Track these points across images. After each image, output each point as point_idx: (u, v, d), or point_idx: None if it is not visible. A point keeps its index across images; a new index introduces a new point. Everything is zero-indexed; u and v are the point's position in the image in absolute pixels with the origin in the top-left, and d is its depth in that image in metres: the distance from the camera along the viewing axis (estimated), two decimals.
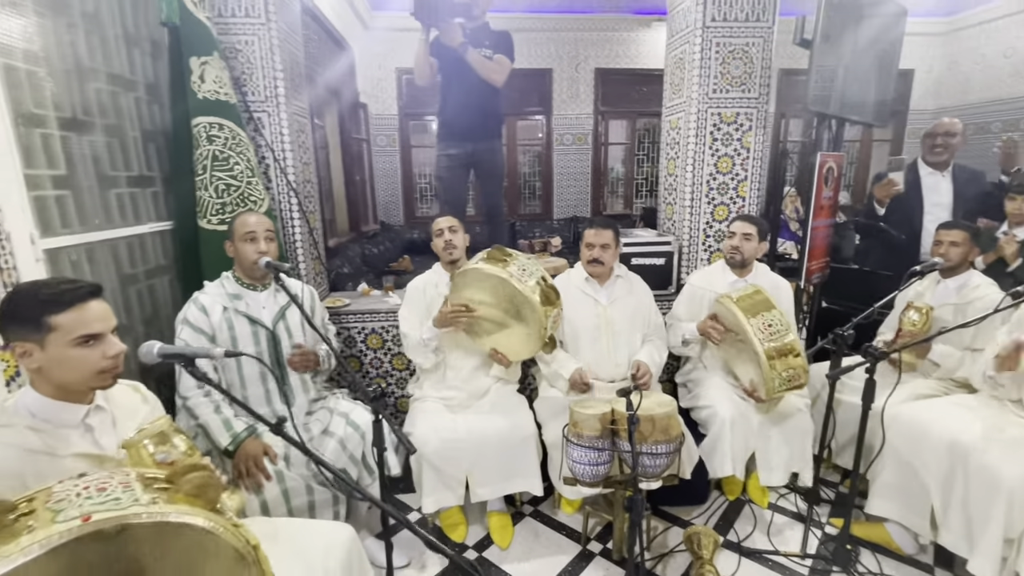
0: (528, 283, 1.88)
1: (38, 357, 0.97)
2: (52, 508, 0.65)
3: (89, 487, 0.70)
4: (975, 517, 1.62)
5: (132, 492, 0.70)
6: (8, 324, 0.98)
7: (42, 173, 1.45)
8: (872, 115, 2.74)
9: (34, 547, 0.59)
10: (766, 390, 1.93)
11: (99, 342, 1.00)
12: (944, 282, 2.19)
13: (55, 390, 1.01)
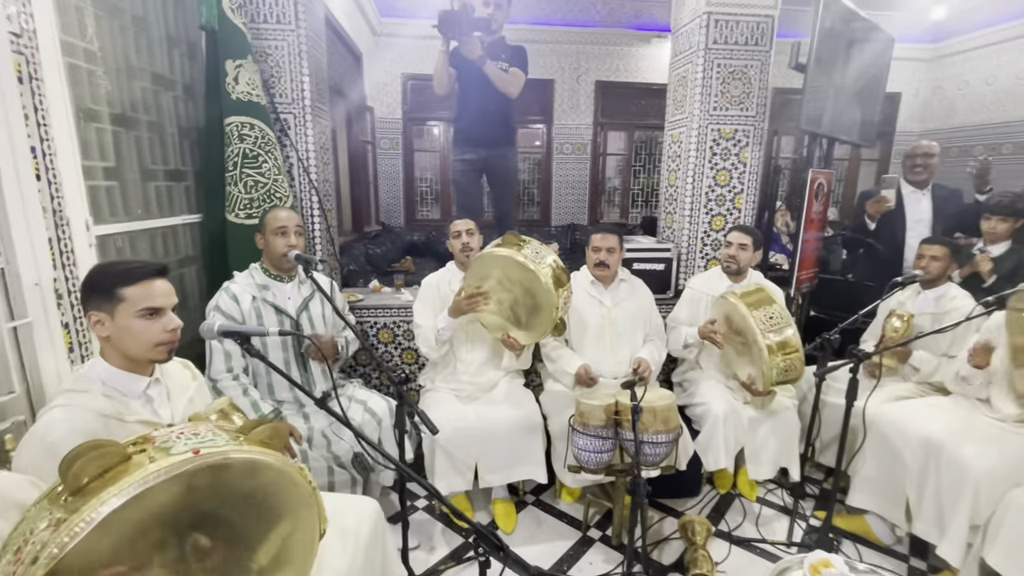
0: (541, 265, 1.98)
1: (108, 326, 1.08)
2: (162, 447, 0.76)
3: (184, 432, 0.81)
4: (945, 506, 1.77)
5: (222, 437, 0.82)
6: (89, 295, 1.09)
7: (95, 165, 1.55)
8: (860, 135, 2.92)
9: (161, 472, 0.69)
10: (764, 381, 2.05)
11: (160, 316, 1.12)
12: (924, 293, 2.35)
13: (122, 360, 1.12)
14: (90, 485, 0.69)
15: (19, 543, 0.68)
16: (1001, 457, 1.69)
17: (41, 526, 0.68)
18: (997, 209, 2.44)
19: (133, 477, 0.69)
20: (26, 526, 0.70)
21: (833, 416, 2.24)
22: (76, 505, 0.68)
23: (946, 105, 5.95)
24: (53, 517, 0.68)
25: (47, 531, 0.67)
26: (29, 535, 0.68)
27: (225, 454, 0.75)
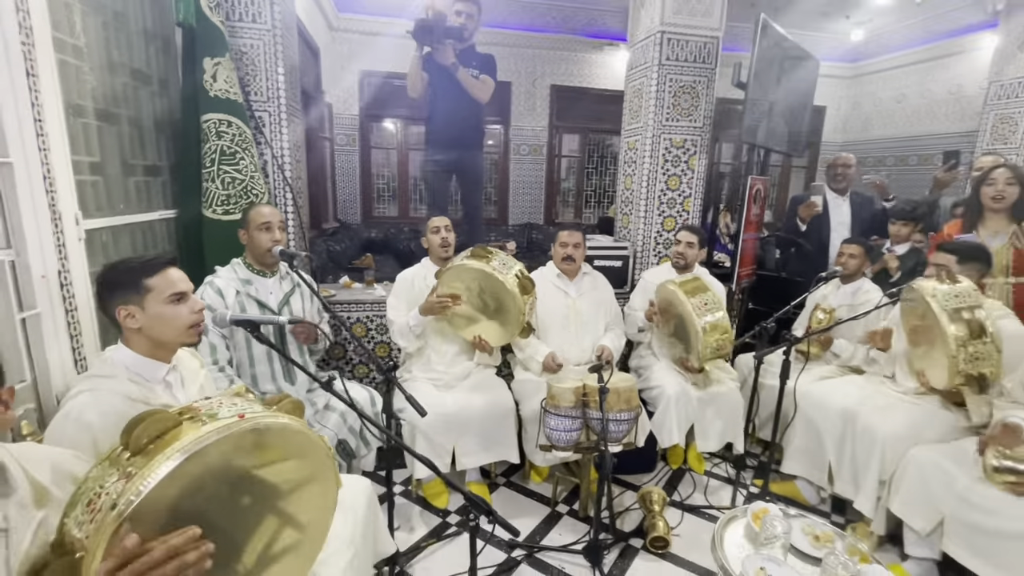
0: (508, 275, 2.18)
1: (140, 317, 1.14)
2: (209, 412, 0.85)
3: (223, 402, 0.90)
4: (859, 467, 2.08)
5: (258, 405, 0.92)
6: (111, 293, 1.14)
7: (82, 159, 1.57)
8: (791, 146, 3.27)
9: (214, 432, 0.78)
10: (700, 357, 2.31)
11: (185, 300, 1.19)
12: (843, 287, 2.69)
13: (150, 348, 1.18)
14: (149, 446, 0.79)
15: (90, 496, 0.77)
16: (903, 423, 2.01)
17: (111, 480, 0.77)
18: (900, 215, 2.83)
19: (191, 436, 0.79)
20: (92, 483, 0.78)
21: (770, 396, 2.54)
22: (142, 462, 0.77)
23: (863, 119, 6.60)
24: (122, 472, 0.77)
25: (119, 483, 0.75)
26: (99, 489, 0.77)
27: (265, 419, 0.86)
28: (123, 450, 0.80)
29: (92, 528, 0.72)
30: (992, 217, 2.28)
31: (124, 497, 0.72)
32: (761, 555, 1.32)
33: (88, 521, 0.73)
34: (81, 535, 0.73)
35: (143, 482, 0.73)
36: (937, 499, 1.75)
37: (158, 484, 0.73)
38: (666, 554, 2.06)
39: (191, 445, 0.77)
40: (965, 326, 1.73)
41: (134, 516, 0.72)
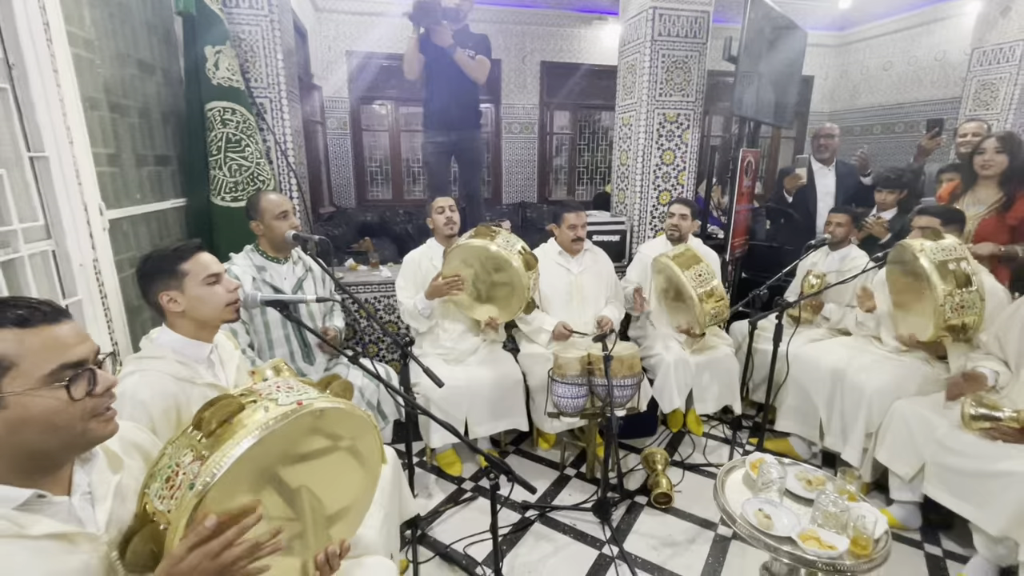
0: (512, 252, 2.26)
1: (181, 301, 1.22)
2: (270, 398, 0.93)
3: (281, 387, 0.98)
4: (848, 421, 2.22)
5: (313, 390, 1.00)
6: (151, 281, 1.21)
7: (100, 151, 1.61)
8: (780, 117, 3.34)
9: (278, 419, 0.85)
10: (699, 325, 2.44)
11: (220, 281, 1.26)
12: (832, 254, 2.81)
13: (194, 329, 1.25)
14: (218, 430, 0.87)
15: (168, 473, 0.85)
16: (888, 379, 2.14)
17: (187, 460, 0.84)
18: (886, 183, 2.93)
19: (256, 422, 0.86)
20: (169, 460, 0.86)
21: (763, 360, 2.67)
22: (214, 444, 0.85)
23: (851, 88, 6.65)
24: (197, 453, 0.85)
25: (195, 464, 0.83)
26: (176, 467, 0.84)
27: (322, 403, 0.94)
28: (194, 430, 0.88)
29: (173, 504, 0.80)
30: (982, 184, 2.38)
31: (201, 478, 0.79)
32: (759, 499, 1.45)
33: (169, 496, 0.81)
34: (163, 508, 0.81)
35: (216, 465, 0.80)
36: (919, 446, 1.89)
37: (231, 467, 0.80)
38: (669, 508, 2.20)
39: (257, 432, 0.83)
40: (952, 276, 1.85)
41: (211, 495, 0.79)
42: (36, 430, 0.71)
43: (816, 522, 1.35)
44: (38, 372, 0.71)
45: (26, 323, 0.71)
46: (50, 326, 0.74)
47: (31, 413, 0.70)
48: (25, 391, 0.70)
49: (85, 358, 0.77)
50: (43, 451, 0.74)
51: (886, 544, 1.29)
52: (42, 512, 0.73)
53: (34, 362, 0.71)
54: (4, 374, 0.69)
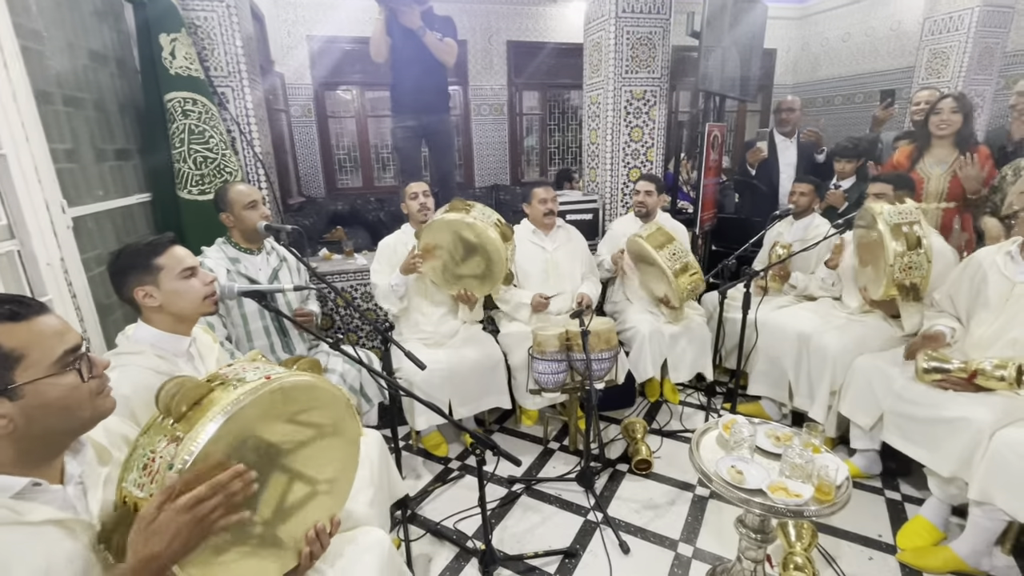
0: (488, 223, 2.27)
1: (157, 296, 1.21)
2: (238, 377, 0.94)
3: (247, 368, 0.99)
4: (814, 381, 2.34)
5: (280, 368, 1.01)
6: (125, 277, 1.20)
7: (57, 147, 1.56)
8: (744, 91, 3.41)
9: (248, 394, 0.87)
10: (677, 299, 2.52)
11: (195, 274, 1.26)
12: (795, 223, 2.91)
13: (171, 323, 1.25)
14: (188, 413, 0.88)
15: (144, 460, 0.86)
16: (850, 339, 2.26)
17: (161, 445, 0.86)
18: (844, 153, 3.04)
19: (227, 399, 0.87)
20: (143, 449, 0.87)
21: (733, 328, 2.77)
22: (187, 426, 0.86)
23: (812, 60, 6.79)
24: (170, 436, 0.86)
25: (170, 446, 0.84)
26: (151, 453, 0.86)
27: (290, 377, 0.96)
28: (165, 418, 0.89)
29: (154, 488, 0.81)
30: (938, 145, 2.49)
31: (179, 457, 0.81)
32: (732, 456, 1.53)
33: (149, 482, 0.82)
34: (144, 495, 0.82)
35: (193, 443, 0.81)
36: (878, 397, 2.01)
37: (206, 444, 0.81)
38: (649, 474, 2.30)
39: (229, 407, 0.85)
40: (904, 239, 1.96)
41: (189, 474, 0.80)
42: (53, 414, 0.75)
43: (784, 474, 1.44)
44: (46, 360, 0.75)
45: (19, 317, 0.74)
46: (40, 317, 0.77)
47: (48, 399, 0.74)
48: (38, 379, 0.73)
49: (79, 343, 0.81)
50: (58, 434, 0.79)
51: (847, 489, 1.39)
52: (37, 500, 0.75)
53: (41, 352, 0.75)
54: (15, 366, 0.72)
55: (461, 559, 1.87)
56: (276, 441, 0.96)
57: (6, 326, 0.72)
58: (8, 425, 0.71)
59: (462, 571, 1.82)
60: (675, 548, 1.89)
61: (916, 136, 2.68)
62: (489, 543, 1.74)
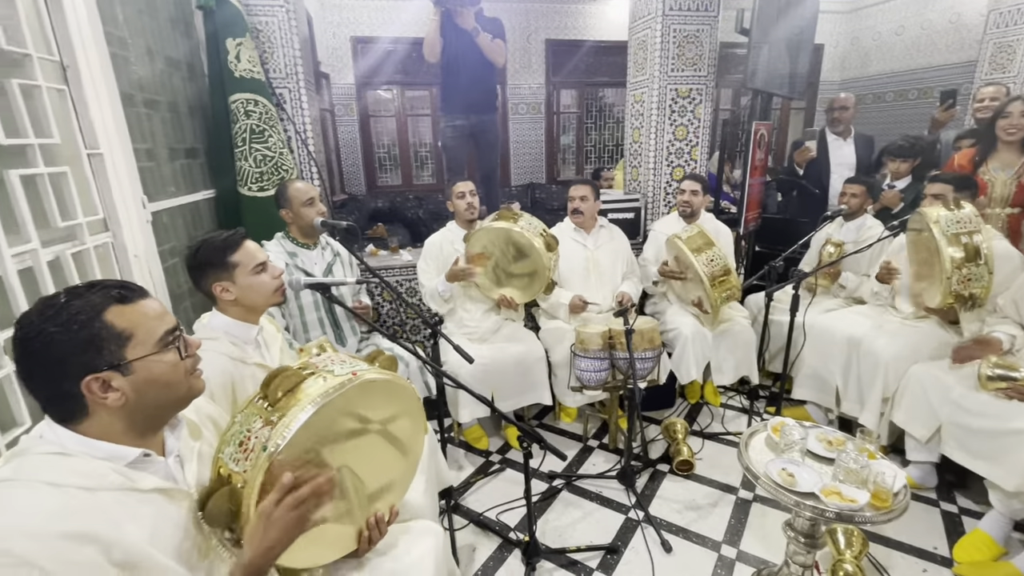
0: (534, 234, 2.32)
1: (233, 290, 1.29)
2: (327, 369, 1.01)
3: (335, 361, 1.06)
4: (864, 388, 2.28)
5: (364, 363, 1.07)
6: (203, 273, 1.29)
7: (139, 147, 1.68)
8: (792, 88, 3.33)
9: (336, 388, 0.93)
10: (711, 305, 2.50)
11: (266, 268, 1.34)
12: (846, 224, 2.83)
13: (243, 313, 1.33)
14: (283, 399, 0.94)
15: (240, 438, 0.93)
16: (904, 344, 2.19)
17: (257, 426, 0.93)
18: (899, 152, 2.93)
19: (317, 391, 0.94)
20: (240, 427, 0.94)
21: (778, 331, 2.72)
22: (281, 411, 0.93)
23: (862, 55, 6.53)
24: (265, 419, 0.93)
25: (265, 429, 0.91)
26: (247, 432, 0.93)
27: (373, 374, 1.01)
28: (261, 399, 0.96)
29: (248, 464, 0.89)
30: (1004, 149, 2.38)
31: (272, 441, 0.88)
32: (782, 459, 1.52)
33: (243, 459, 0.90)
34: (239, 469, 0.90)
35: (286, 429, 0.89)
36: (935, 408, 1.94)
37: (298, 431, 0.89)
38: (691, 475, 2.29)
39: (319, 399, 0.92)
40: (962, 249, 1.88)
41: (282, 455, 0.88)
42: (157, 389, 0.82)
43: (837, 478, 1.42)
44: (151, 339, 0.82)
45: (127, 300, 0.81)
46: (144, 300, 0.84)
47: (153, 375, 0.81)
48: (146, 356, 0.80)
49: (176, 325, 0.88)
50: (161, 408, 0.86)
51: (905, 497, 1.36)
52: (146, 470, 0.82)
53: (147, 331, 0.82)
54: (126, 344, 0.79)
55: (504, 550, 1.91)
56: (355, 432, 1.02)
57: (117, 308, 0.80)
58: (121, 398, 0.78)
59: (505, 562, 1.86)
60: (718, 549, 1.88)
61: (979, 137, 2.56)
62: (533, 535, 1.77)
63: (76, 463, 0.75)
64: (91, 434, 0.78)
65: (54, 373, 0.75)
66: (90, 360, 0.76)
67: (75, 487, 0.73)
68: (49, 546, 0.66)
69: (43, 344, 0.74)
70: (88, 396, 0.76)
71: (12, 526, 0.66)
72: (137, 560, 0.74)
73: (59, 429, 0.78)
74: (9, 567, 0.64)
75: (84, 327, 0.76)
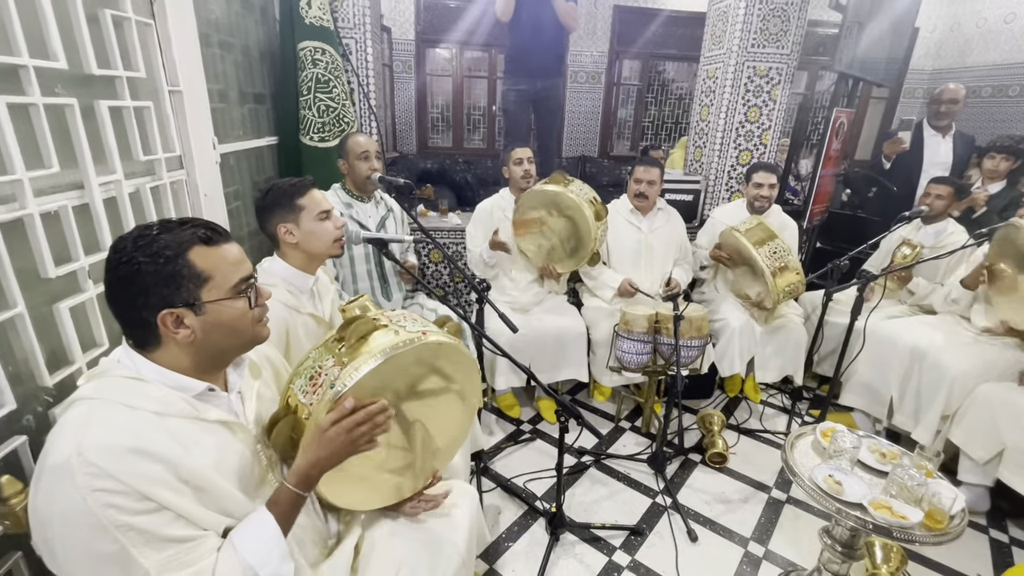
0: (583, 200, 2.26)
1: (296, 234, 1.32)
2: (400, 324, 1.02)
3: (407, 317, 1.07)
4: (922, 402, 2.15)
5: (432, 326, 1.08)
6: (271, 213, 1.32)
7: (212, 87, 1.70)
8: (886, 75, 3.07)
9: (405, 343, 0.95)
10: (772, 300, 2.38)
11: (329, 217, 1.35)
12: (925, 228, 2.63)
13: (303, 261, 1.36)
14: (356, 343, 0.96)
15: (311, 372, 0.97)
16: (975, 362, 2.05)
17: (328, 364, 0.96)
18: (1001, 148, 2.66)
19: (387, 343, 0.96)
20: (313, 363, 0.98)
21: (834, 333, 2.59)
22: (352, 355, 0.95)
23: (961, 43, 5.94)
24: (337, 359, 0.95)
25: (335, 368, 0.94)
26: (319, 368, 0.96)
27: (442, 337, 1.02)
28: (337, 340, 0.98)
29: (315, 399, 0.92)
30: None
31: (340, 381, 0.91)
32: (829, 465, 1.46)
33: (311, 392, 0.94)
34: (306, 401, 0.94)
35: (355, 372, 0.91)
36: (1001, 431, 1.82)
37: (363, 376, 0.91)
38: (723, 468, 2.25)
39: (388, 351, 0.94)
40: None
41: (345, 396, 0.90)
42: (223, 333, 0.85)
43: (889, 492, 1.36)
44: (227, 284, 0.83)
45: (212, 242, 0.83)
46: (226, 245, 0.85)
47: (222, 319, 0.83)
48: (219, 300, 0.82)
49: (252, 273, 0.89)
50: (224, 350, 0.88)
51: (962, 521, 1.29)
52: (210, 403, 0.86)
53: (224, 276, 0.83)
54: (203, 285, 0.81)
55: (529, 517, 1.94)
56: (415, 388, 1.04)
57: (201, 249, 0.81)
58: (190, 335, 0.81)
59: (529, 528, 1.89)
60: (745, 545, 1.85)
61: None
62: (560, 507, 1.79)
63: (150, 388, 0.79)
64: (163, 363, 0.82)
65: (136, 301, 0.78)
66: (169, 295, 0.78)
67: (147, 411, 0.77)
68: (122, 459, 0.71)
69: (130, 271, 0.77)
70: (162, 328, 0.79)
71: (92, 440, 0.70)
72: (202, 483, 0.78)
73: (135, 355, 0.82)
74: (94, 476, 0.68)
75: (169, 262, 0.78)
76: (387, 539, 1.08)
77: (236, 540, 0.79)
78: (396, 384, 1.00)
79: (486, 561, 1.74)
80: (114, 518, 0.69)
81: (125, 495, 0.70)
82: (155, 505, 0.72)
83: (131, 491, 0.70)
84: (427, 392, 1.08)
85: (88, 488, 0.68)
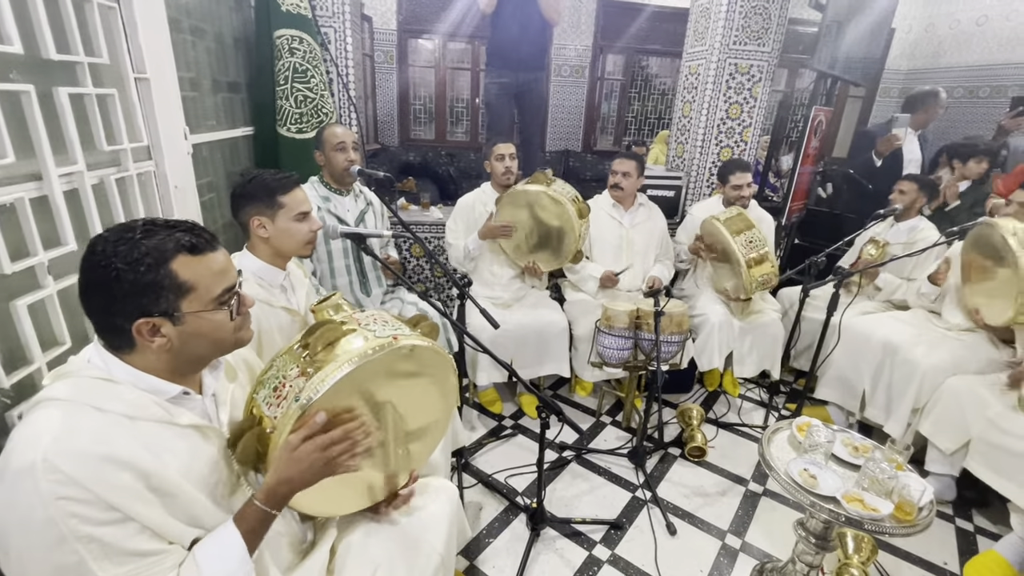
0: (567, 200, 2.26)
1: (270, 229, 1.28)
2: (368, 328, 0.99)
3: (377, 319, 1.04)
4: (894, 396, 2.21)
5: (405, 328, 1.05)
6: (247, 203, 1.27)
7: (183, 75, 1.65)
8: (863, 74, 3.12)
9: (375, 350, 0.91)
10: (746, 291, 2.42)
11: (307, 218, 1.32)
12: (897, 225, 2.69)
13: (271, 256, 1.33)
14: (322, 351, 0.93)
15: (275, 383, 0.93)
16: (946, 356, 2.10)
17: (293, 374, 0.92)
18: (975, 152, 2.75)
19: (355, 350, 0.92)
20: (277, 372, 0.94)
21: (810, 328, 2.64)
22: (318, 365, 0.91)
23: (935, 44, 6.07)
24: (302, 369, 0.91)
25: (300, 379, 0.90)
26: (283, 378, 0.92)
27: (414, 340, 0.99)
28: (302, 347, 0.94)
29: (280, 411, 0.88)
30: None
31: (305, 393, 0.87)
32: (804, 459, 1.49)
33: (276, 404, 0.90)
34: (270, 414, 0.90)
35: (320, 383, 0.87)
36: (968, 422, 1.88)
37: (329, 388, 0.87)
38: (702, 462, 2.28)
39: (356, 359, 0.90)
40: None
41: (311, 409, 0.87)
42: (201, 341, 0.82)
43: (861, 485, 1.39)
44: (208, 296, 0.80)
45: (197, 250, 0.79)
46: (212, 253, 0.81)
47: (202, 330, 0.80)
48: (199, 312, 0.79)
49: (235, 282, 0.85)
50: (203, 356, 0.86)
51: (930, 513, 1.32)
52: (184, 406, 0.83)
53: (207, 287, 0.80)
54: (184, 296, 0.78)
55: (510, 512, 1.94)
56: (388, 395, 1.01)
57: (186, 258, 0.77)
58: (167, 344, 0.78)
59: (510, 524, 1.89)
60: (723, 538, 1.88)
61: None
62: (541, 502, 1.79)
63: (122, 391, 0.76)
64: (136, 365, 0.79)
65: (111, 307, 0.75)
66: (147, 304, 0.75)
67: (118, 414, 0.74)
68: (91, 467, 0.68)
69: (107, 276, 0.73)
70: (136, 336, 0.76)
71: (59, 445, 0.67)
72: (171, 489, 0.75)
73: (107, 356, 0.79)
74: (59, 484, 0.65)
75: (150, 270, 0.74)
76: (363, 540, 1.07)
77: (199, 557, 0.77)
78: (366, 393, 0.97)
79: (467, 557, 1.73)
80: (76, 528, 0.66)
81: (90, 504, 0.67)
82: (121, 516, 0.69)
83: (97, 500, 0.67)
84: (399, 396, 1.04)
85: (52, 496, 0.65)
